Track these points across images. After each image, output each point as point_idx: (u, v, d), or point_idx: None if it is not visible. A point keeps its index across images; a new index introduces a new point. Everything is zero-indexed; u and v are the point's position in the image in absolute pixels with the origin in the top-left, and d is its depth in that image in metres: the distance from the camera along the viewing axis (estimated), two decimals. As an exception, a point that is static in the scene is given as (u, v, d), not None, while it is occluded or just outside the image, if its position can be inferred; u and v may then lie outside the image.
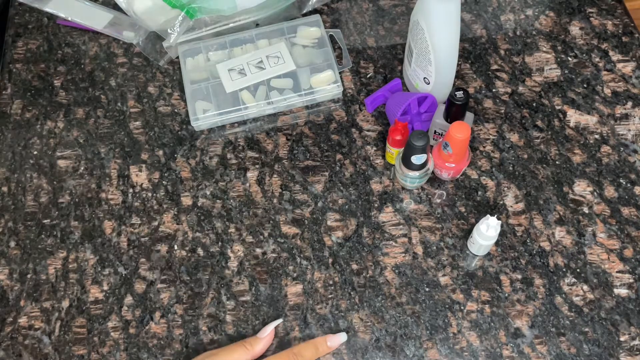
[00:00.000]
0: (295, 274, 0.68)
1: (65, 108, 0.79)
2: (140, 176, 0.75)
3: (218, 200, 0.73)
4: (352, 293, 0.67)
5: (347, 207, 0.72)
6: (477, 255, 0.69)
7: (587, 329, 0.65)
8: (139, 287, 0.68)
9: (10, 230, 0.71)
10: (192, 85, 0.78)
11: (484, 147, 0.76)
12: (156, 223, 0.71)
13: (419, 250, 0.70)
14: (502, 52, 0.82)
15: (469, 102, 0.72)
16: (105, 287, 0.68)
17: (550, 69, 0.81)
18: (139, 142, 0.77)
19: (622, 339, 0.65)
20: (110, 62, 0.83)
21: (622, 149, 0.75)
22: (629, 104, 0.78)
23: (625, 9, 0.86)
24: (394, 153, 0.72)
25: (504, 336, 0.65)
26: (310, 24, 0.82)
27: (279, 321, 0.65)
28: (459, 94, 0.66)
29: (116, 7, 0.84)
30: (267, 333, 0.64)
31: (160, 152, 0.76)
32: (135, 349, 0.65)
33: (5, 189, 0.74)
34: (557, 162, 0.74)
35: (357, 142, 0.76)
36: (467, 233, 0.70)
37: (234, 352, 0.61)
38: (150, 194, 0.73)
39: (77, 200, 0.73)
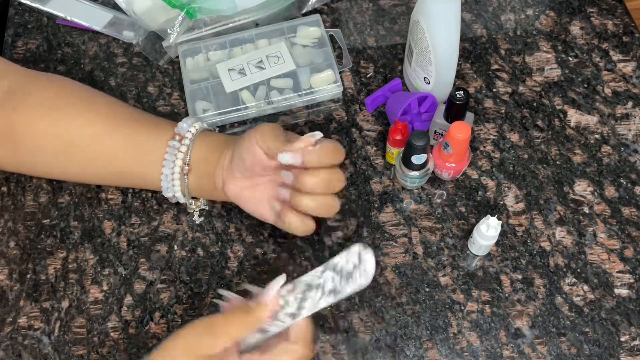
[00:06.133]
0: (295, 274, 0.68)
1: (65, 108, 0.79)
2: (140, 176, 0.74)
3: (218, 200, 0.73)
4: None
5: (347, 207, 0.72)
6: (477, 256, 0.69)
7: (587, 329, 0.65)
8: (139, 287, 0.68)
9: (10, 230, 0.71)
10: (191, 85, 0.78)
11: (484, 147, 0.76)
12: (156, 223, 0.71)
13: (419, 250, 0.69)
14: (503, 51, 0.82)
15: (469, 102, 0.72)
16: (105, 287, 0.68)
17: (550, 68, 0.81)
18: (138, 142, 0.77)
19: (622, 339, 0.65)
20: (110, 61, 0.83)
21: (622, 149, 0.75)
22: (630, 103, 0.78)
23: (625, 8, 0.86)
24: (394, 153, 0.72)
25: (505, 336, 0.65)
26: (310, 23, 0.81)
27: (281, 281, 0.55)
28: (459, 93, 0.66)
29: (116, 7, 0.84)
30: (271, 298, 0.54)
31: (160, 152, 0.76)
32: (135, 349, 0.65)
33: (5, 188, 0.73)
34: (557, 162, 0.74)
35: (357, 142, 0.76)
36: (468, 233, 0.70)
37: (233, 323, 0.53)
38: (149, 194, 0.73)
39: (76, 200, 0.73)
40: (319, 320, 0.66)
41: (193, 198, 0.69)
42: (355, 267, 0.54)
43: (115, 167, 0.67)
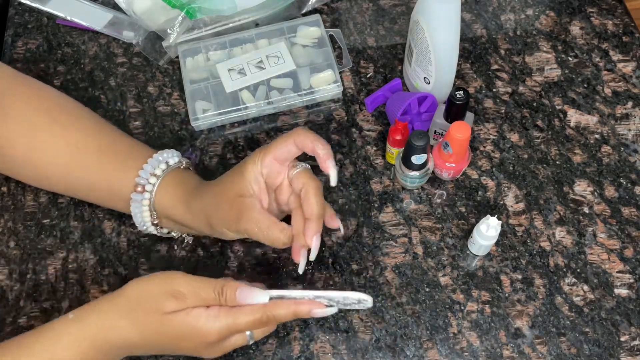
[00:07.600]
0: (295, 274, 0.68)
1: (65, 108, 0.79)
2: (140, 176, 0.74)
3: (218, 200, 0.72)
4: (352, 293, 0.67)
5: (347, 207, 0.72)
6: (477, 256, 0.69)
7: (587, 329, 0.65)
8: (139, 287, 0.68)
9: (10, 230, 0.71)
10: (191, 85, 0.78)
11: (484, 147, 0.76)
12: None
13: (419, 250, 0.69)
14: (503, 51, 0.82)
15: (469, 102, 0.72)
16: (105, 287, 0.68)
17: (550, 68, 0.81)
18: (138, 142, 0.77)
19: (622, 339, 0.65)
20: (110, 61, 0.83)
21: (622, 148, 0.75)
22: (630, 103, 0.78)
23: (625, 8, 0.86)
24: (394, 153, 0.72)
25: (505, 336, 0.65)
26: (310, 23, 0.81)
27: (264, 299, 0.55)
28: (459, 93, 0.66)
29: (116, 7, 0.84)
30: (248, 302, 0.55)
31: (160, 152, 0.76)
32: (135, 349, 0.65)
33: (5, 188, 0.73)
34: (557, 162, 0.74)
35: (357, 142, 0.76)
36: (468, 233, 0.70)
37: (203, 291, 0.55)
38: (150, 194, 0.73)
39: (76, 200, 0.73)
40: (319, 320, 0.66)
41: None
42: (353, 303, 0.57)
43: (93, 198, 0.68)
